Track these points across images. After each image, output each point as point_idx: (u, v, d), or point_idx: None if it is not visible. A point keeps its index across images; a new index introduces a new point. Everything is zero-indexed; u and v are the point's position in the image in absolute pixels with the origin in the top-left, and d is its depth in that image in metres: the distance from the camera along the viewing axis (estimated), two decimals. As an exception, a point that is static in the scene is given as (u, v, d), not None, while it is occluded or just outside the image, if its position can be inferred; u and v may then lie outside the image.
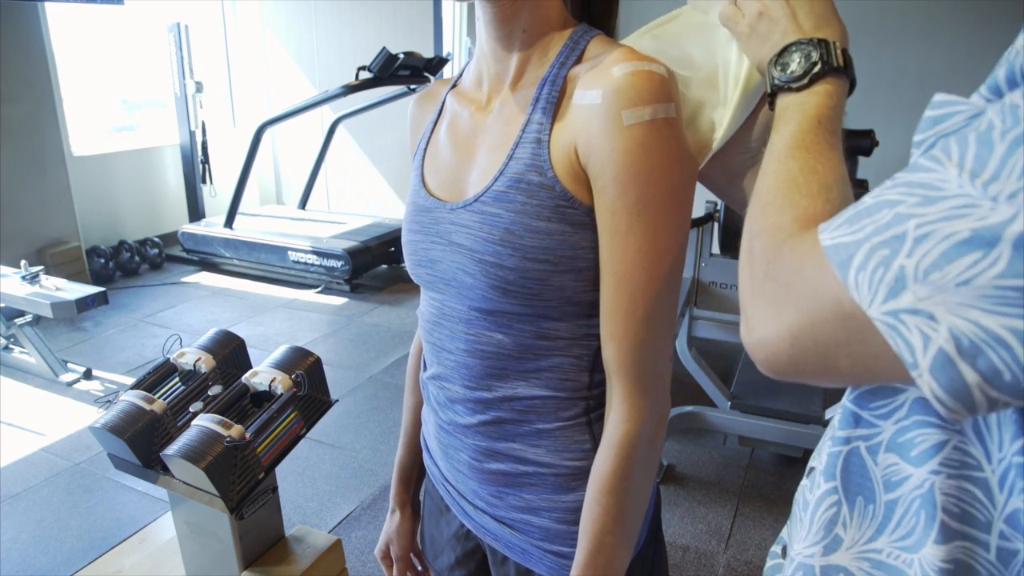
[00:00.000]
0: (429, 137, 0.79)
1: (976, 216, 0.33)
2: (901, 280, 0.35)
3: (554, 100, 0.65)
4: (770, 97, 0.58)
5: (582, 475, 0.72)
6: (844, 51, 0.55)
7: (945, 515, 0.44)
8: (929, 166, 0.37)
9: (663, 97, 0.60)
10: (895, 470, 0.48)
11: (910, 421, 0.47)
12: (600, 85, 0.61)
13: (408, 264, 0.78)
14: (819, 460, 0.55)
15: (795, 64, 0.55)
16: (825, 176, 0.48)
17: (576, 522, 0.72)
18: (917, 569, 0.46)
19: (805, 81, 0.54)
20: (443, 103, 0.79)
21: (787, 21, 0.57)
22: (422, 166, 0.78)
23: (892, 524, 0.48)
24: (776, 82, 0.56)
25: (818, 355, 0.40)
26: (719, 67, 0.67)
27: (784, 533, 0.64)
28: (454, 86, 0.79)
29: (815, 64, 0.54)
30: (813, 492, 0.54)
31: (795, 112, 0.54)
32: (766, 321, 0.43)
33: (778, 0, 0.58)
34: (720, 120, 0.67)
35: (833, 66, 0.54)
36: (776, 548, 0.64)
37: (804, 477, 0.60)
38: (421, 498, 0.99)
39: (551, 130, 0.65)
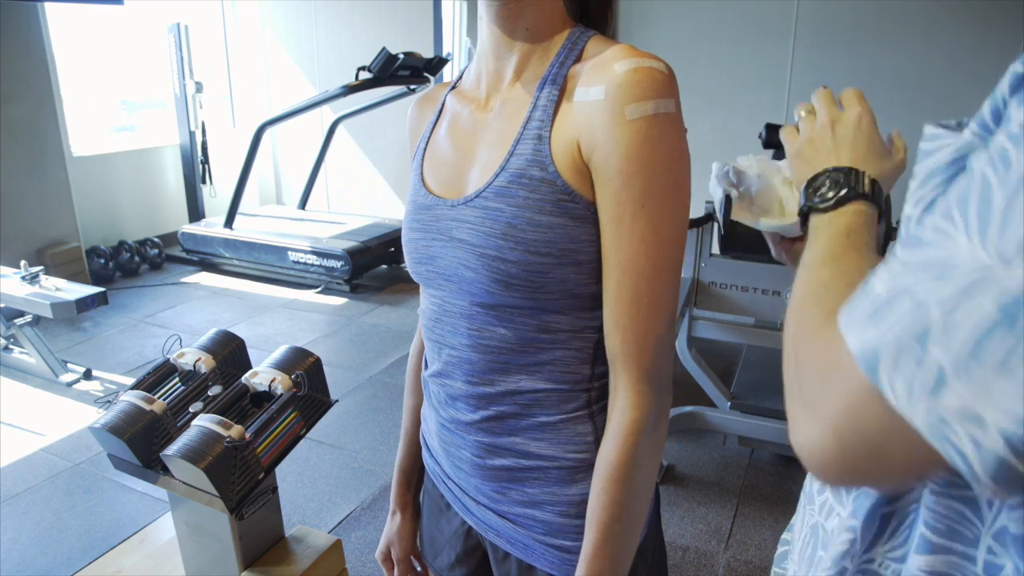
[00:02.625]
0: (428, 137, 0.80)
1: (996, 287, 0.31)
2: (940, 380, 0.33)
3: (555, 98, 0.67)
4: (803, 217, 0.60)
5: (584, 467, 0.72)
6: (874, 181, 0.58)
7: (926, 529, 0.44)
8: (936, 240, 0.35)
9: (664, 92, 0.61)
10: None
11: None
12: (603, 81, 0.62)
13: (408, 262, 0.78)
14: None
15: (824, 188, 0.58)
16: (855, 278, 0.47)
17: (579, 515, 0.72)
18: None
19: (831, 203, 0.57)
20: (442, 104, 0.81)
21: (828, 151, 0.61)
22: (421, 166, 0.79)
23: (887, 534, 0.48)
24: (807, 203, 0.59)
25: (867, 449, 0.38)
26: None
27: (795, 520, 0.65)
28: (454, 87, 0.80)
29: (843, 189, 0.57)
30: (830, 520, 0.54)
31: (824, 229, 0.56)
32: (806, 423, 0.42)
33: (826, 131, 0.62)
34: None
35: (860, 192, 0.57)
36: (787, 535, 0.65)
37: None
38: (421, 499, 0.99)
39: (552, 126, 0.66)
